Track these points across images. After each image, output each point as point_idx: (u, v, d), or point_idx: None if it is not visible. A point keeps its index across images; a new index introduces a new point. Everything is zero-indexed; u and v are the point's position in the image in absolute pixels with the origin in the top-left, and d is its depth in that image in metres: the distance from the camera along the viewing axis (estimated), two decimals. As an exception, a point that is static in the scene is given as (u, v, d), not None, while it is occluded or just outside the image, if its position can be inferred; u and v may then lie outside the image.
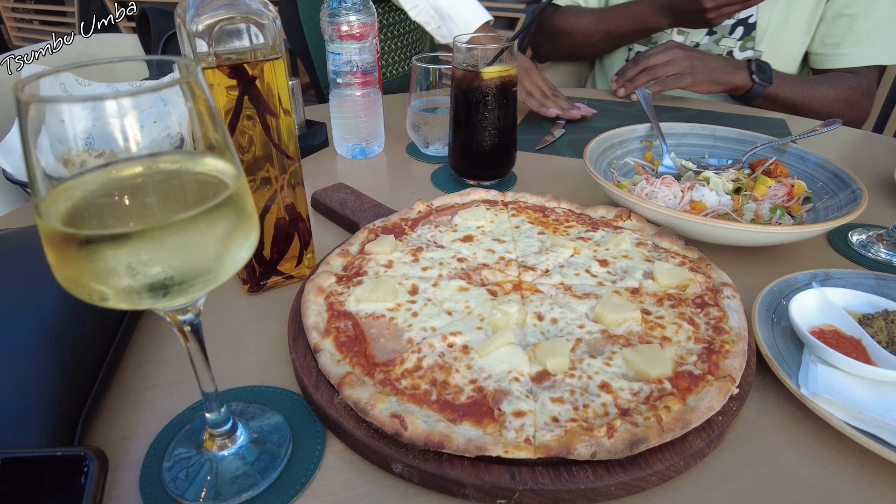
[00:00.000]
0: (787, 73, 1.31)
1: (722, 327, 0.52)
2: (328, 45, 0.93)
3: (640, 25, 1.36)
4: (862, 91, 1.31)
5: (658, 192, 0.76)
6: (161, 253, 0.32)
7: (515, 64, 0.83)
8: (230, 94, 0.56)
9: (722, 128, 0.92)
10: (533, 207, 0.74)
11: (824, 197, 0.77)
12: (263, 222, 0.63)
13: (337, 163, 1.00)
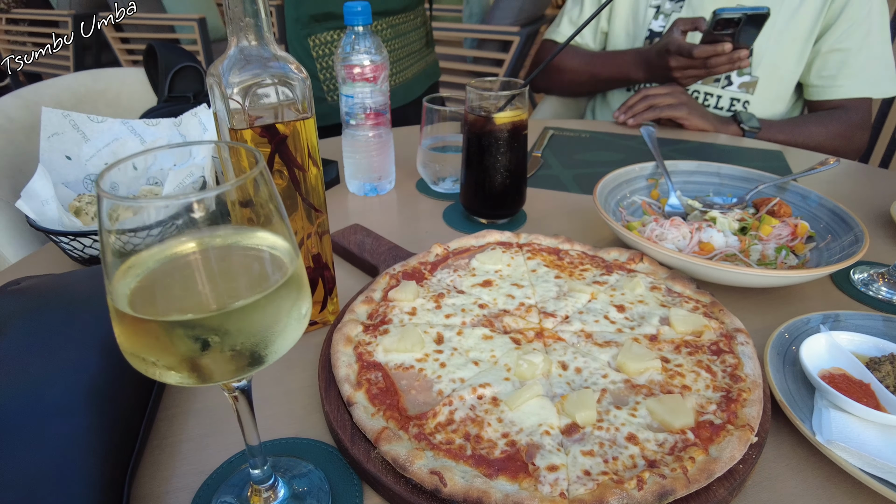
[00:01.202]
0: (773, 120, 1.38)
1: (738, 375, 0.55)
2: (341, 87, 0.96)
3: (620, 74, 1.47)
4: (856, 124, 1.35)
5: (667, 233, 0.78)
6: (231, 334, 0.33)
7: (526, 109, 0.86)
8: (261, 151, 0.58)
9: (727, 166, 0.95)
10: (547, 250, 0.76)
11: (827, 237, 0.80)
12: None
13: (349, 200, 1.03)
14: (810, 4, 1.36)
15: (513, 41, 3.40)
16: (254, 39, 0.55)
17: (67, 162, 0.93)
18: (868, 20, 1.33)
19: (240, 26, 0.54)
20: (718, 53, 1.22)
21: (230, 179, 0.53)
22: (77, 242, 0.78)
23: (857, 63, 1.35)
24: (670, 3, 1.48)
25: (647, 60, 1.39)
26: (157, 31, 5.07)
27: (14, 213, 1.04)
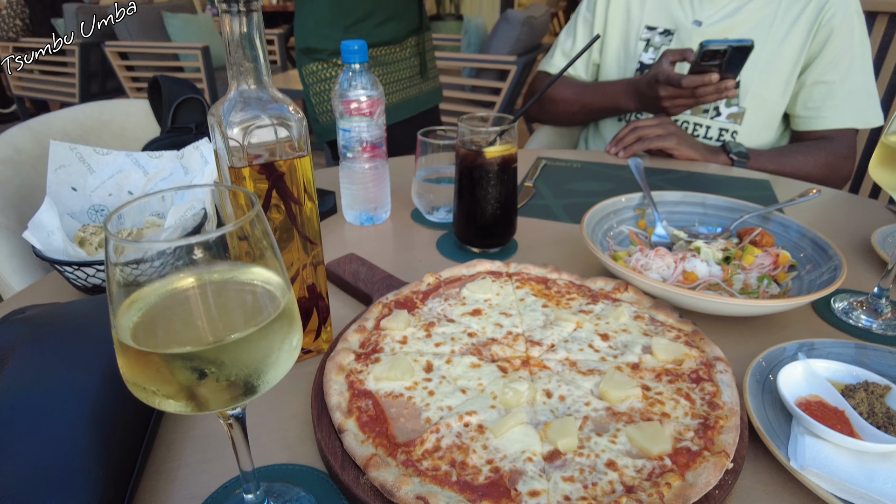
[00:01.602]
0: (761, 150, 1.42)
1: (716, 402, 0.57)
2: (339, 121, 0.99)
3: (612, 104, 1.51)
4: (841, 154, 1.39)
5: (652, 263, 0.81)
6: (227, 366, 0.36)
7: (515, 143, 0.90)
8: (259, 186, 0.61)
9: (712, 196, 0.98)
10: (536, 279, 0.79)
11: (808, 266, 0.83)
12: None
13: (346, 230, 1.05)
14: (794, 38, 1.41)
15: (510, 70, 3.47)
16: (253, 83, 0.58)
17: (73, 193, 0.96)
18: (850, 54, 1.38)
19: (240, 71, 0.58)
20: (706, 83, 1.27)
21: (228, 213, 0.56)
22: (81, 272, 0.80)
23: (840, 95, 1.39)
24: (660, 36, 1.54)
25: (638, 90, 1.43)
26: (162, 59, 5.18)
27: (19, 243, 1.07)
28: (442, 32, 5.59)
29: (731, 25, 1.45)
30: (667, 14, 1.53)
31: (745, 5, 1.45)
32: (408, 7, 1.62)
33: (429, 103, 1.80)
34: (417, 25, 1.67)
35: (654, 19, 1.55)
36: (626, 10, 1.59)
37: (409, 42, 1.67)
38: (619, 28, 1.60)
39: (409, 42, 1.67)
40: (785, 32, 1.42)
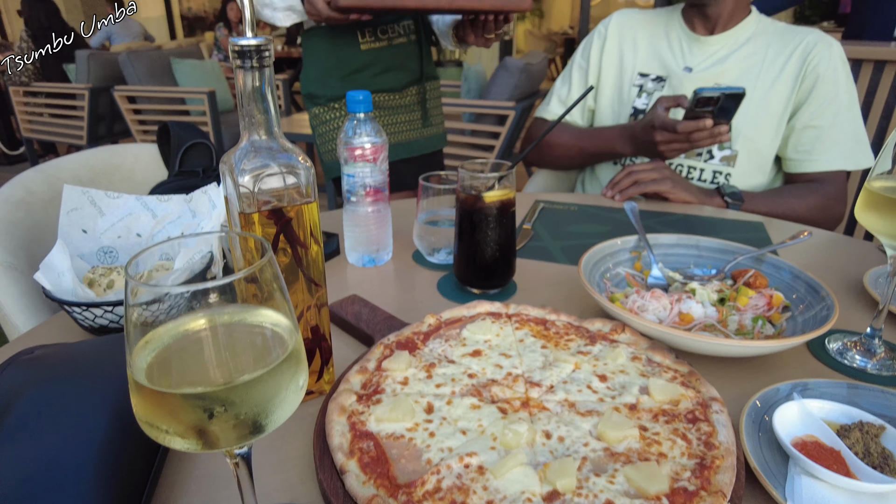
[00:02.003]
0: (755, 192, 1.46)
1: (712, 442, 0.57)
2: (343, 167, 1.03)
3: (608, 148, 1.56)
4: (832, 196, 1.43)
5: (649, 304, 0.83)
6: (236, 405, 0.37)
7: (513, 188, 0.93)
8: (267, 230, 0.64)
9: (706, 239, 1.00)
10: (535, 320, 0.80)
11: (801, 306, 0.84)
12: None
13: (348, 271, 1.08)
14: (782, 85, 1.46)
15: (508, 115, 3.56)
16: (264, 133, 0.62)
17: (83, 235, 0.99)
18: (837, 100, 1.43)
19: (252, 122, 0.61)
20: (700, 128, 1.31)
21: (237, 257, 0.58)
22: (89, 312, 0.82)
23: (830, 139, 1.43)
24: (652, 82, 1.60)
25: (633, 135, 1.48)
26: (169, 102, 5.32)
27: (28, 283, 1.09)
28: (443, 78, 5.74)
29: (720, 72, 1.51)
30: (659, 61, 1.59)
31: (733, 53, 1.51)
32: (408, 59, 1.69)
33: (431, 147, 1.84)
34: (418, 76, 1.73)
35: (646, 66, 1.61)
36: (619, 57, 1.66)
37: (410, 91, 1.73)
38: (613, 75, 1.67)
39: (410, 91, 1.73)
40: (773, 79, 1.47)
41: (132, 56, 5.31)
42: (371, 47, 1.61)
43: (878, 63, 2.33)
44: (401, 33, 1.66)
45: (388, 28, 1.64)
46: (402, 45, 1.67)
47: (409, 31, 1.68)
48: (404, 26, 1.66)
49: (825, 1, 7.49)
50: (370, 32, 1.60)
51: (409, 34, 1.69)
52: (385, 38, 1.63)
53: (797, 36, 1.49)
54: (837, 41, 1.47)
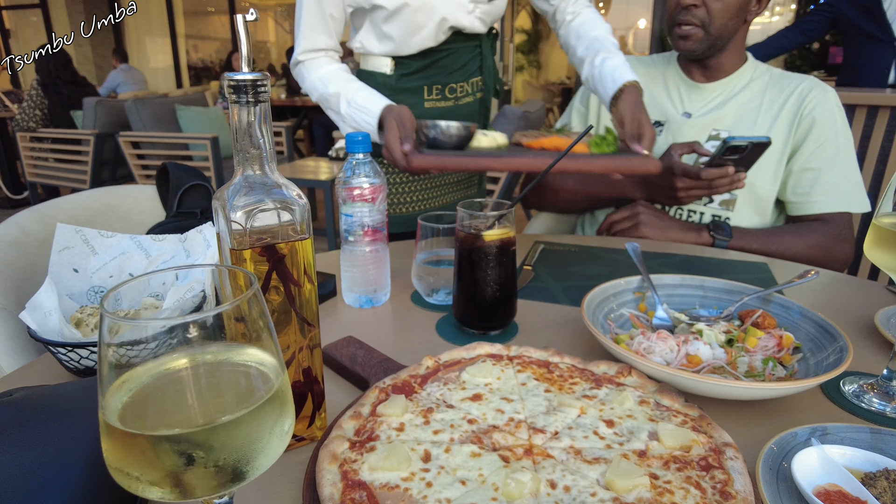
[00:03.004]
0: (747, 228, 1.46)
1: (728, 492, 0.54)
2: (342, 207, 1.02)
3: (618, 193, 1.55)
4: (835, 236, 1.41)
5: (655, 346, 0.80)
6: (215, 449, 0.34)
7: (513, 227, 0.91)
8: (259, 268, 0.62)
9: (710, 279, 0.98)
10: (537, 362, 0.77)
11: (813, 348, 0.82)
12: (280, 384, 0.66)
13: (345, 312, 1.05)
14: (779, 130, 1.47)
15: (507, 159, 3.60)
16: (258, 169, 0.60)
17: (74, 274, 0.97)
18: (835, 142, 1.44)
19: (246, 157, 0.60)
20: (723, 175, 1.33)
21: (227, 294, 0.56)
22: (74, 353, 0.79)
23: (828, 180, 1.43)
24: None
25: (647, 182, 1.48)
26: (172, 148, 5.39)
27: (14, 324, 1.06)
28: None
29: (718, 117, 1.52)
30: (657, 107, 1.60)
31: (730, 99, 1.53)
32: (470, 117, 1.61)
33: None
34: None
35: None
36: None
37: None
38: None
39: None
40: (769, 124, 1.48)
41: (138, 103, 5.43)
42: (436, 105, 1.52)
43: (872, 108, 2.37)
44: (468, 92, 1.57)
45: (458, 87, 1.54)
46: (469, 104, 1.59)
47: (477, 88, 1.60)
48: (473, 84, 1.58)
49: (815, 52, 7.73)
50: (438, 91, 1.51)
51: (476, 92, 1.60)
52: (452, 97, 1.54)
53: (793, 82, 1.51)
54: (832, 88, 1.49)
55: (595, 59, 1.42)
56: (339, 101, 1.40)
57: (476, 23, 1.45)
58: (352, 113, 1.39)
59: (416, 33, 1.40)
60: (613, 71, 1.36)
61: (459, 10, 1.40)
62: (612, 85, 1.33)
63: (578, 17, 1.52)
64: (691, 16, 1.45)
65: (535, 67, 11.76)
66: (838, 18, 3.24)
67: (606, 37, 1.48)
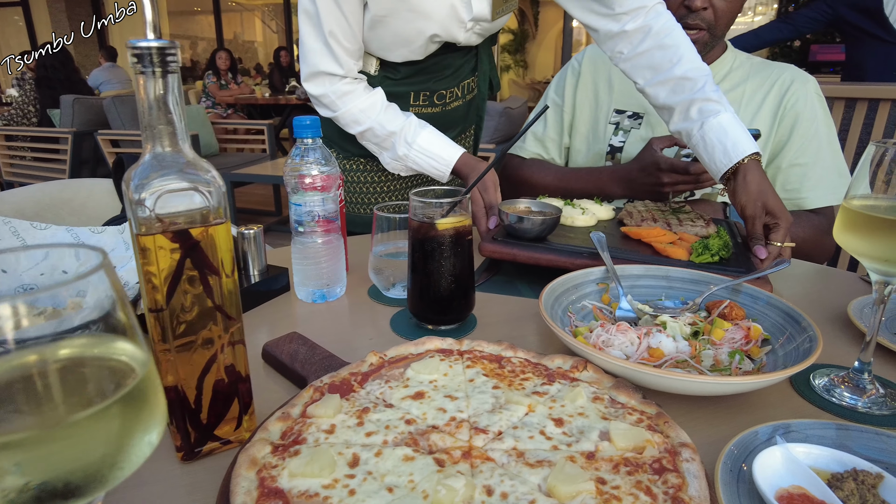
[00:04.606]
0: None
1: (681, 497, 0.49)
2: (291, 196, 0.96)
3: (597, 190, 1.47)
4: (824, 229, 1.37)
5: (614, 339, 0.75)
6: (52, 458, 0.29)
7: (469, 215, 0.86)
8: (173, 255, 0.56)
9: (676, 269, 0.94)
10: (489, 357, 0.72)
11: (781, 339, 0.77)
12: (203, 384, 0.60)
13: (297, 308, 0.99)
14: (761, 121, 1.44)
15: (489, 157, 3.55)
16: (168, 146, 0.55)
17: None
18: (818, 136, 1.40)
19: (155, 133, 0.54)
20: None
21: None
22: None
23: (815, 175, 1.40)
24: (629, 119, 1.55)
25: (629, 178, 1.41)
26: (153, 147, 5.29)
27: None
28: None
29: None
30: (635, 98, 1.55)
31: None
32: (459, 120, 1.52)
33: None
34: (464, 131, 1.59)
35: (622, 103, 1.57)
36: (594, 94, 1.62)
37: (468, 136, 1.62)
38: (588, 112, 1.62)
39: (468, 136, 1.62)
40: (751, 116, 1.44)
41: (117, 101, 5.32)
42: (421, 112, 1.40)
43: (850, 100, 2.34)
44: (458, 96, 1.45)
45: (448, 93, 1.41)
46: (457, 108, 1.47)
47: (468, 91, 1.48)
48: (464, 87, 1.45)
49: (796, 49, 7.75)
50: (425, 97, 1.39)
51: (466, 95, 1.48)
52: (440, 103, 1.42)
53: (774, 71, 1.47)
54: (812, 77, 1.46)
55: (691, 111, 1.12)
56: (397, 143, 1.29)
57: (473, 38, 1.32)
58: (414, 156, 1.29)
59: (403, 45, 1.27)
60: (724, 138, 1.07)
61: (455, 26, 1.25)
62: (726, 159, 1.06)
63: (649, 38, 1.17)
64: (700, 19, 1.36)
65: (522, 67, 11.73)
66: (837, 20, 3.21)
67: (699, 68, 1.13)
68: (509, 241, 1.05)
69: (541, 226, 1.04)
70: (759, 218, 1.03)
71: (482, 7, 1.25)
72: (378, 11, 1.21)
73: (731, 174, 1.07)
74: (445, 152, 1.27)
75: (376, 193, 1.50)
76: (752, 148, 1.06)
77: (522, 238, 1.06)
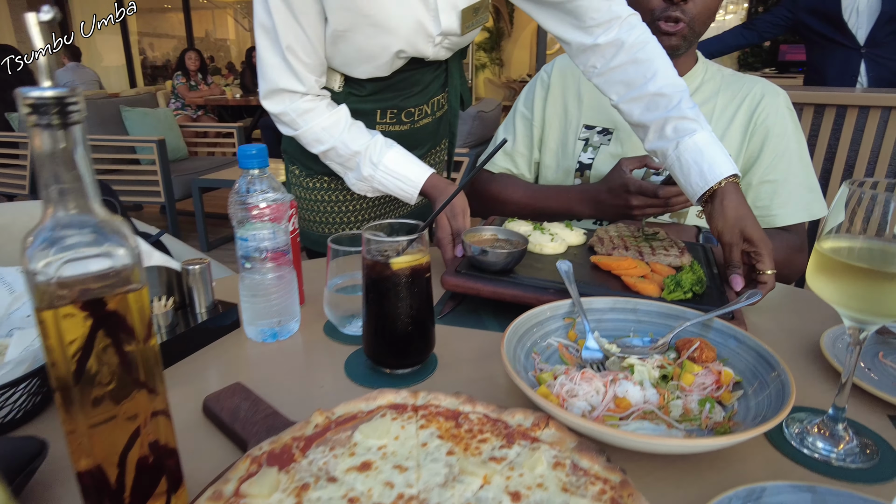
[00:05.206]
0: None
1: (647, 592, 0.45)
2: (236, 230, 0.90)
3: (565, 209, 1.43)
4: (795, 247, 1.35)
5: (579, 388, 0.71)
6: None
7: (427, 250, 0.81)
8: (84, 324, 0.50)
9: (644, 302, 0.90)
10: (445, 413, 0.67)
11: (755, 383, 0.74)
12: (126, 461, 0.54)
13: (247, 348, 0.93)
14: (732, 138, 1.40)
15: (463, 161, 3.51)
16: (75, 207, 0.49)
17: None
18: (788, 151, 1.38)
19: (56, 193, 0.48)
20: (680, 193, 1.22)
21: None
22: None
23: (786, 191, 1.37)
24: (598, 135, 1.51)
25: (596, 199, 1.36)
26: (118, 151, 5.15)
27: None
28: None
29: None
30: (605, 113, 1.51)
31: None
32: (429, 136, 1.45)
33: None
34: (434, 147, 1.52)
35: (592, 118, 1.53)
36: (563, 108, 1.57)
37: (439, 149, 1.56)
38: (558, 126, 1.58)
39: (439, 149, 1.56)
40: (722, 131, 1.41)
41: (78, 104, 5.14)
42: (388, 130, 1.34)
43: (819, 106, 2.35)
44: (427, 113, 1.39)
45: (416, 111, 1.35)
46: (426, 125, 1.41)
47: (438, 107, 1.41)
48: (434, 103, 1.39)
49: (766, 49, 7.88)
50: (392, 115, 1.33)
51: (437, 111, 1.42)
52: (409, 121, 1.36)
53: (745, 85, 1.44)
54: (783, 90, 1.43)
55: (666, 129, 1.07)
56: (361, 163, 1.23)
57: (442, 52, 1.27)
58: (380, 177, 1.23)
59: (367, 62, 1.20)
60: (700, 159, 1.01)
61: (422, 41, 1.19)
62: (702, 182, 1.01)
63: (622, 52, 1.13)
64: (680, 11, 1.30)
65: (497, 65, 11.72)
66: (797, 25, 3.24)
67: (674, 84, 1.09)
68: (473, 273, 1.00)
69: (506, 259, 0.99)
70: (736, 245, 0.99)
71: (451, 21, 1.19)
72: (338, 26, 1.15)
73: (709, 197, 1.03)
74: (413, 173, 1.22)
75: (341, 213, 1.44)
76: (729, 170, 1.01)
77: (487, 271, 1.01)
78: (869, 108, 2.25)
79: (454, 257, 1.08)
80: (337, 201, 1.42)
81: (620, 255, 1.07)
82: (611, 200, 1.32)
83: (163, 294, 0.96)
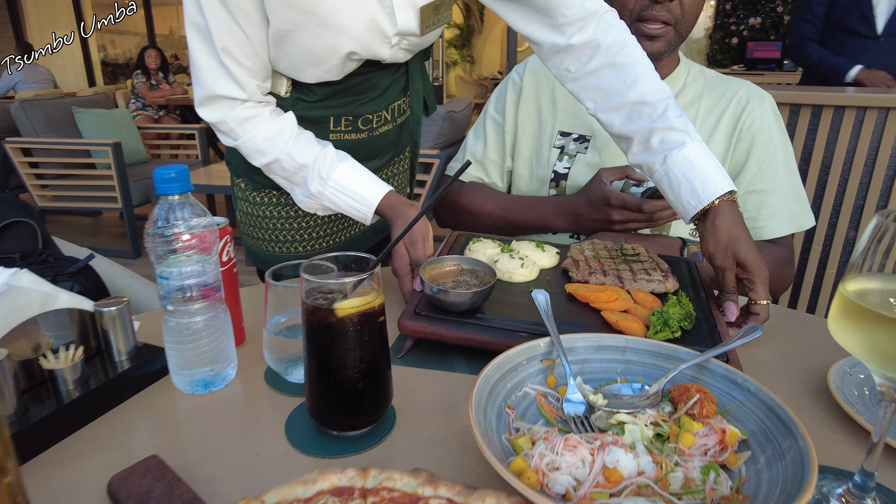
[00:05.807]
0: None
1: None
2: (156, 266, 0.76)
3: (540, 222, 1.32)
4: (784, 260, 1.27)
5: (561, 459, 0.59)
6: None
7: (380, 290, 0.69)
8: None
9: (634, 339, 0.79)
10: (400, 500, 0.55)
11: (767, 448, 0.63)
12: None
13: (175, 401, 0.80)
14: (716, 144, 1.31)
15: (433, 163, 3.38)
16: None
17: None
18: (775, 160, 1.29)
19: None
20: (666, 207, 1.13)
21: None
22: None
23: (773, 202, 1.29)
24: (574, 143, 1.40)
25: (575, 212, 1.25)
26: (71, 155, 4.89)
27: None
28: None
29: None
30: (581, 118, 1.40)
31: None
32: (390, 143, 1.33)
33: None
34: (396, 154, 1.39)
35: (567, 124, 1.41)
36: (537, 112, 1.44)
37: (401, 159, 1.44)
38: (531, 133, 1.45)
39: (401, 159, 1.44)
40: (707, 137, 1.32)
41: (27, 105, 4.87)
42: (343, 138, 1.21)
43: (816, 107, 2.28)
44: (387, 119, 1.25)
45: (374, 117, 1.22)
46: (387, 132, 1.28)
47: (399, 113, 1.28)
48: (394, 109, 1.25)
49: (734, 46, 7.94)
50: (347, 122, 1.19)
51: (398, 117, 1.28)
52: (366, 128, 1.23)
53: (729, 88, 1.35)
54: (769, 94, 1.34)
55: (651, 141, 0.97)
56: (309, 178, 1.09)
57: (400, 54, 1.14)
58: (330, 194, 1.09)
59: (315, 64, 1.07)
60: (692, 174, 0.92)
61: (377, 42, 1.06)
62: (694, 201, 0.91)
63: (599, 55, 1.03)
64: (666, 10, 1.20)
65: (468, 62, 11.62)
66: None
67: (658, 90, 0.99)
68: (434, 315, 0.87)
69: (471, 299, 0.87)
70: (729, 270, 0.89)
71: (409, 20, 1.07)
72: (281, 25, 1.01)
73: (701, 216, 0.93)
74: (367, 190, 1.09)
75: (292, 230, 1.30)
76: (725, 186, 0.91)
77: (449, 312, 0.88)
78: (866, 108, 2.18)
79: (413, 291, 0.95)
80: (287, 217, 1.28)
81: (598, 282, 0.96)
82: (590, 214, 1.21)
83: (75, 340, 0.81)
